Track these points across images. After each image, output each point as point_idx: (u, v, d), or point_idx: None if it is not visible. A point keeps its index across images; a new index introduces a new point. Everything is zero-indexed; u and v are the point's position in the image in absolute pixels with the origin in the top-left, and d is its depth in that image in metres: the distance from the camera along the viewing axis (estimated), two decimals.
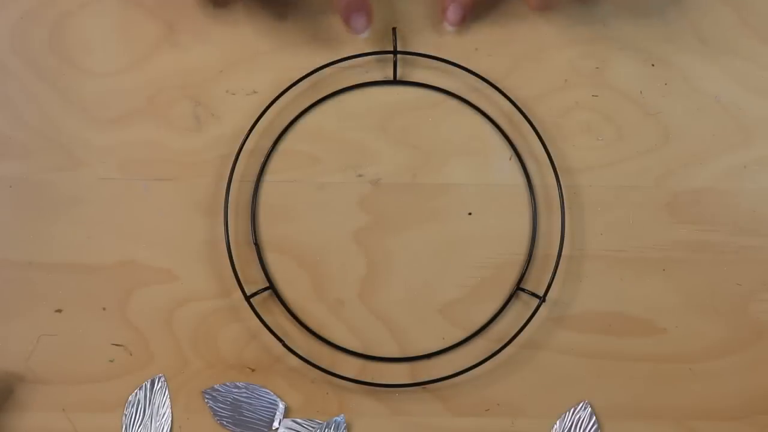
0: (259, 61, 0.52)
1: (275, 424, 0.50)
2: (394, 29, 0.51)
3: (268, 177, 0.52)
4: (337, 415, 0.50)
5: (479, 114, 0.52)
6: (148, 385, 0.50)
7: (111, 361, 0.51)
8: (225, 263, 0.50)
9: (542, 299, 0.50)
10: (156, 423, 0.50)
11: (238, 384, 0.50)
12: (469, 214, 0.52)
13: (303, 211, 0.52)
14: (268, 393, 0.50)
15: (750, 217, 0.52)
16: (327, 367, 0.50)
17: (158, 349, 0.51)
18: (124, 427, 0.50)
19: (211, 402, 0.50)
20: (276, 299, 0.51)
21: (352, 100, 0.52)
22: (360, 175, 0.52)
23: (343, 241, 0.51)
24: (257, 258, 0.51)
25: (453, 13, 0.51)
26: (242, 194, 0.52)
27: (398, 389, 0.50)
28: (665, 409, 0.51)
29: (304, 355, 0.50)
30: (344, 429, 0.50)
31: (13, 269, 0.51)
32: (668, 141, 0.52)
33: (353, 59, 0.52)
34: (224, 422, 0.50)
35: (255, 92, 0.52)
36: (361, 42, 0.52)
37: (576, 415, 0.50)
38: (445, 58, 0.52)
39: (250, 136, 0.51)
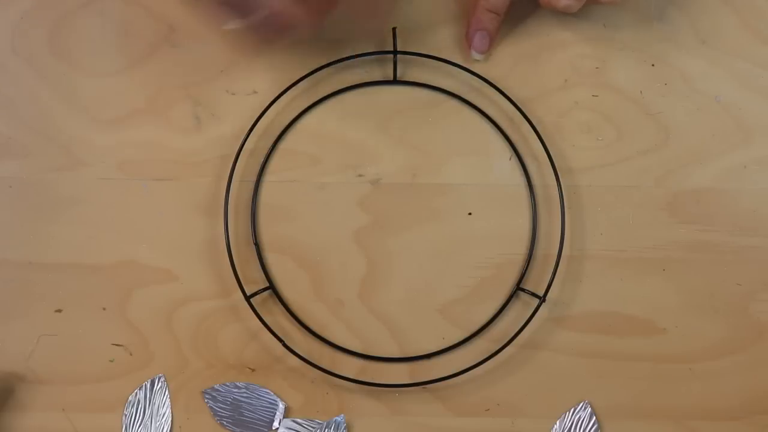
0: (259, 61, 0.52)
1: (275, 424, 0.50)
2: (394, 29, 0.51)
3: (268, 177, 0.52)
4: (337, 415, 0.50)
5: (479, 114, 0.52)
6: (148, 385, 0.50)
7: (111, 361, 0.51)
8: (225, 263, 0.50)
9: (542, 299, 0.50)
10: (156, 423, 0.50)
11: (238, 384, 0.50)
12: (469, 214, 0.52)
13: (303, 211, 0.52)
14: (268, 393, 0.50)
15: (750, 217, 0.52)
16: (327, 367, 0.50)
17: (158, 349, 0.51)
18: (124, 427, 0.50)
19: (211, 402, 0.50)
20: (276, 299, 0.51)
21: (352, 100, 0.52)
22: (360, 175, 0.52)
23: (343, 241, 0.51)
24: (257, 258, 0.51)
25: (479, 41, 0.51)
26: (242, 194, 0.52)
27: (398, 389, 0.50)
28: (665, 409, 0.51)
29: (304, 355, 0.50)
30: (344, 429, 0.50)
31: (13, 269, 0.51)
32: (668, 141, 0.52)
33: (353, 59, 0.52)
34: (224, 422, 0.50)
35: (255, 92, 0.52)
36: (361, 42, 0.52)
37: (576, 415, 0.50)
38: (445, 58, 0.52)
39: (250, 136, 0.51)
